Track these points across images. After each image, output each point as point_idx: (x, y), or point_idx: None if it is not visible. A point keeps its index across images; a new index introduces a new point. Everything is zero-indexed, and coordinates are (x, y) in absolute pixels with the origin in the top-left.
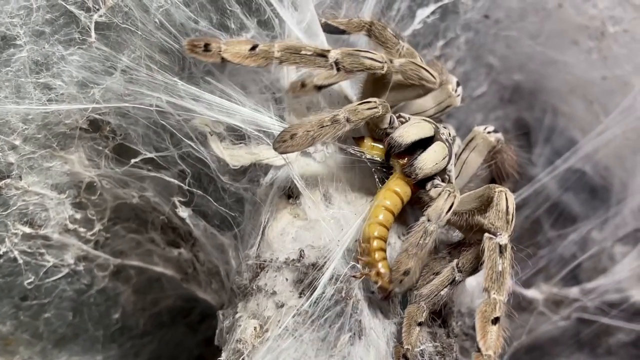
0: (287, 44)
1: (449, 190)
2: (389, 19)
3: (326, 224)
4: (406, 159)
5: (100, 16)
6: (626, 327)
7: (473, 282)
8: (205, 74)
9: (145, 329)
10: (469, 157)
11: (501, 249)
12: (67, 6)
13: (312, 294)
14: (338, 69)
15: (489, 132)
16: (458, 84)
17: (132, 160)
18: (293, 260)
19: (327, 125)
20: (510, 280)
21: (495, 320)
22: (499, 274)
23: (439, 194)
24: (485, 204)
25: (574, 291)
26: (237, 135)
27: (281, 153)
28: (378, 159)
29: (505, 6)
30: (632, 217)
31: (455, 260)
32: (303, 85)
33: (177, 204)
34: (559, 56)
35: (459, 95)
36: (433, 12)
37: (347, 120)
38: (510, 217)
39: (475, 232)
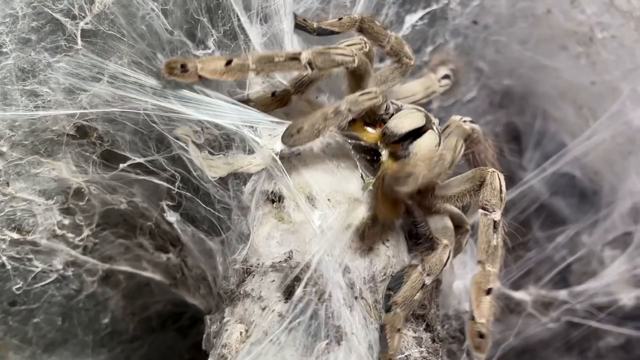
0: (259, 54)
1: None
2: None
3: (310, 226)
4: (400, 145)
5: (87, 24)
6: (615, 330)
7: (460, 285)
8: None
9: (135, 333)
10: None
11: (495, 224)
12: (53, 14)
13: (292, 299)
14: (312, 69)
15: (464, 122)
16: (446, 77)
17: (122, 165)
18: (278, 264)
19: (330, 118)
20: (503, 253)
21: (489, 291)
22: (494, 248)
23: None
24: (477, 184)
25: (562, 294)
26: (217, 146)
27: (290, 147)
28: (369, 143)
29: (494, 12)
30: (621, 221)
31: (421, 265)
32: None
33: (165, 208)
34: (549, 61)
35: (442, 87)
36: (421, 18)
37: (349, 110)
38: (503, 195)
39: (440, 231)
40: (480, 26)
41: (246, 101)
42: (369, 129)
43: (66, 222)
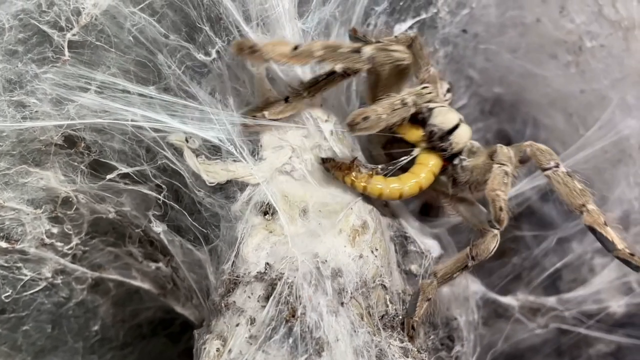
0: (325, 43)
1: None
2: (365, 33)
3: (302, 239)
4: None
5: (74, 35)
6: (606, 337)
7: (448, 292)
8: (182, 84)
9: (125, 340)
10: None
11: (569, 174)
12: (40, 26)
13: (269, 313)
14: (371, 63)
15: None
16: (448, 90)
17: (108, 176)
18: (262, 275)
19: (398, 109)
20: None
21: (606, 223)
22: (581, 191)
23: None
24: (519, 159)
25: (551, 300)
26: (214, 151)
27: (354, 134)
28: (410, 141)
29: (483, 21)
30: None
31: (469, 248)
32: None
33: (152, 218)
34: (538, 69)
35: (447, 99)
36: (411, 27)
37: (414, 103)
38: (555, 154)
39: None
40: (470, 35)
41: (259, 109)
42: (414, 129)
43: (55, 230)
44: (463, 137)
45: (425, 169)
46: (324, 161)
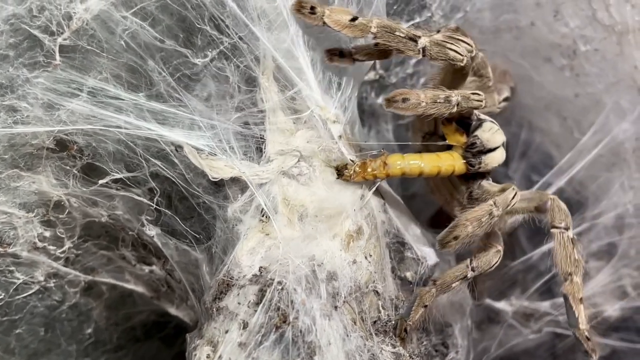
0: (384, 22)
1: (514, 188)
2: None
3: (298, 243)
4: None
5: (65, 39)
6: (600, 341)
7: (444, 298)
8: (172, 90)
9: (119, 343)
10: None
11: (573, 241)
12: (31, 30)
13: (259, 318)
14: (424, 55)
15: None
16: (507, 99)
17: (100, 181)
18: (257, 279)
19: (439, 102)
20: (584, 265)
21: (581, 300)
22: (576, 261)
23: (504, 190)
24: (535, 206)
25: (544, 305)
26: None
27: (388, 109)
28: (450, 143)
29: (478, 25)
30: (605, 233)
31: (470, 259)
32: (341, 54)
33: (145, 222)
34: (533, 73)
35: (500, 108)
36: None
37: (458, 104)
38: (570, 217)
39: (492, 237)
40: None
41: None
42: (458, 134)
43: (47, 234)
44: (495, 161)
45: (450, 160)
46: (339, 172)
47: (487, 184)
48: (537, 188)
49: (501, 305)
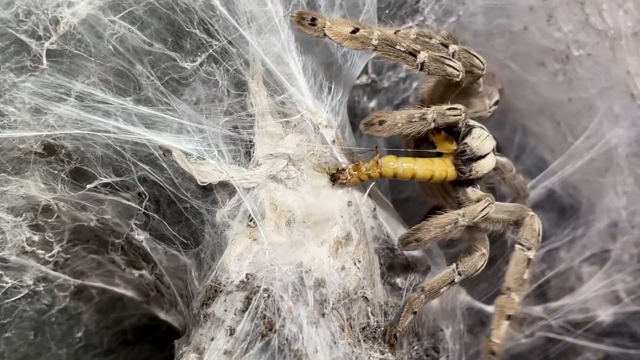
0: (386, 35)
1: (489, 200)
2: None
3: (285, 249)
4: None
5: (52, 44)
6: (593, 346)
7: (436, 303)
8: (160, 95)
9: (109, 346)
10: None
11: (529, 261)
12: (18, 35)
13: (249, 326)
14: (422, 69)
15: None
16: (497, 103)
17: (88, 186)
18: (244, 285)
19: (415, 121)
20: (529, 288)
21: (509, 317)
22: (523, 281)
23: (479, 200)
24: (514, 220)
25: (537, 309)
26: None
27: (368, 134)
28: (441, 151)
29: (471, 29)
30: (599, 238)
31: (456, 264)
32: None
33: (134, 227)
34: (527, 77)
35: (490, 112)
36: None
37: (434, 120)
38: (540, 238)
39: (478, 240)
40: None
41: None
42: (447, 142)
43: (36, 238)
44: (485, 168)
45: (443, 166)
46: (334, 177)
47: (471, 190)
48: (532, 191)
49: (493, 309)
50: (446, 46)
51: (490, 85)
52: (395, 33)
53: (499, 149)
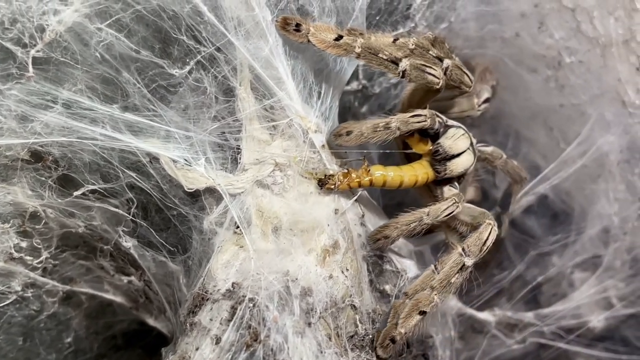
0: (369, 43)
1: (455, 199)
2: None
3: (272, 257)
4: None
5: (38, 51)
6: (585, 352)
7: None
8: (148, 102)
9: (99, 351)
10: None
11: (463, 267)
12: (3, 43)
13: (234, 336)
14: (403, 77)
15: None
16: (487, 101)
17: (75, 193)
18: (230, 294)
19: (380, 130)
20: (453, 293)
21: (422, 313)
22: (449, 285)
23: (446, 199)
24: (474, 225)
25: (528, 315)
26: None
27: (336, 146)
28: (419, 153)
29: (463, 35)
30: (591, 244)
31: (434, 265)
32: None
33: (122, 233)
34: (519, 83)
35: (480, 110)
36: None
37: (398, 128)
38: (485, 248)
39: (454, 238)
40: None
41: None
42: (422, 143)
43: (23, 244)
44: (460, 166)
45: (422, 169)
46: (322, 183)
47: (447, 189)
48: (524, 197)
49: (484, 315)
50: (441, 60)
51: (481, 83)
52: (393, 42)
53: None
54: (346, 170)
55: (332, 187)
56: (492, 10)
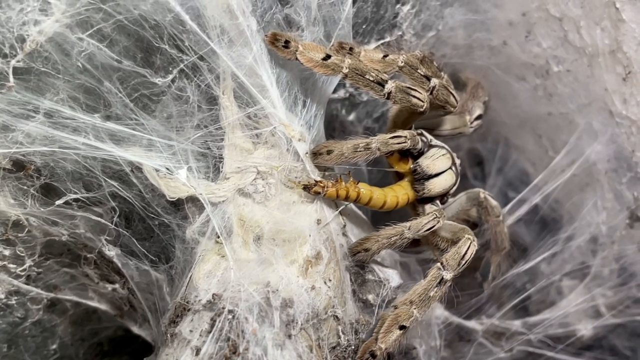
0: (356, 65)
1: (436, 214)
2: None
3: (253, 267)
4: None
5: (18, 62)
6: None
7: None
8: (130, 112)
9: (85, 358)
10: (461, 198)
11: (442, 281)
12: None
13: (213, 349)
14: (388, 98)
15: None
16: (479, 117)
17: (57, 202)
18: (211, 305)
19: (360, 151)
20: (431, 307)
21: (402, 327)
22: (428, 298)
23: (427, 214)
24: (454, 241)
25: (517, 324)
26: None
27: (316, 165)
28: (400, 171)
29: (451, 43)
30: (579, 252)
31: (439, 261)
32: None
33: (105, 242)
34: (507, 91)
35: (473, 127)
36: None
37: (378, 149)
38: (464, 262)
39: (454, 236)
40: (438, 56)
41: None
42: (402, 162)
43: (6, 252)
44: (438, 186)
45: (402, 190)
46: (309, 186)
47: (429, 207)
48: (513, 204)
49: (472, 323)
50: (428, 79)
51: (473, 100)
52: (383, 58)
53: (481, 162)
54: (335, 180)
55: (320, 191)
56: (480, 19)
